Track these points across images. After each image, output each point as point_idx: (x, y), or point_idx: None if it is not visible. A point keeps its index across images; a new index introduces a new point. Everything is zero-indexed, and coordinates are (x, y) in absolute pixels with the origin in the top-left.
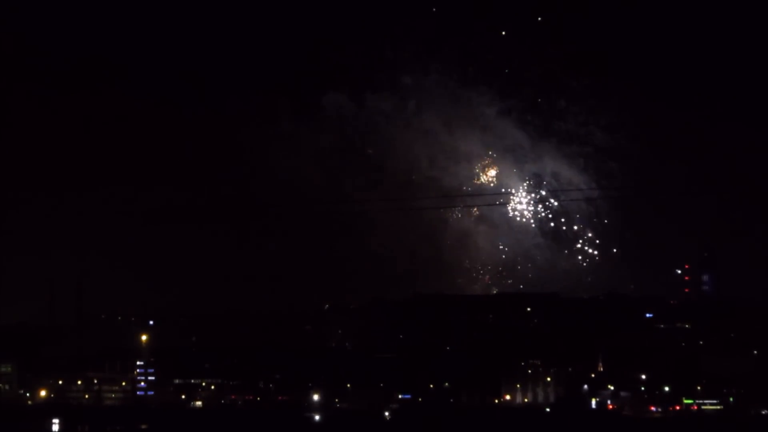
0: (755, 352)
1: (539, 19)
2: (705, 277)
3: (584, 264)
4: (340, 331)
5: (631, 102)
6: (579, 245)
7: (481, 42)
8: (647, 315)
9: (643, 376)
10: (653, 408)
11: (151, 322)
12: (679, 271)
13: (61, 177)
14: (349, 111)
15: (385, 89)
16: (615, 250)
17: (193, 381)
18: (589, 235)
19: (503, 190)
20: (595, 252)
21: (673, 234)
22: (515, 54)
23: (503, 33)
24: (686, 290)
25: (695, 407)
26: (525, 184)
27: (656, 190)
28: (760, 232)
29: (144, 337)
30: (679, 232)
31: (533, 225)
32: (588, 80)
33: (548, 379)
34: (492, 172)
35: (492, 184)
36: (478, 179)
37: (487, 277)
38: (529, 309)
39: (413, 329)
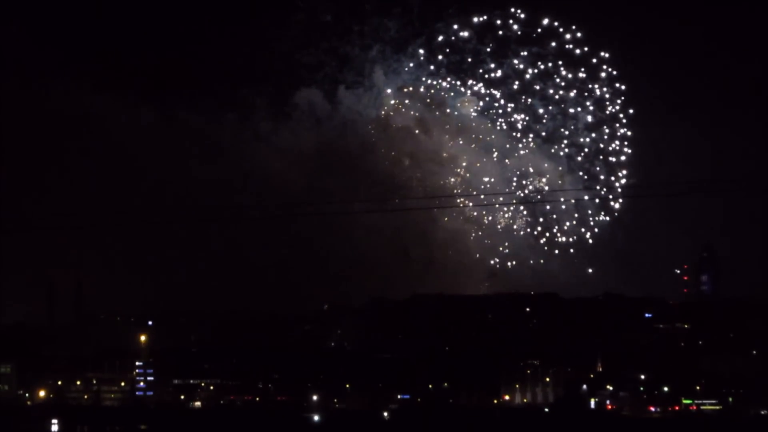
0: (754, 352)
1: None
2: (704, 277)
3: (571, 240)
4: (339, 332)
5: (625, 101)
6: (572, 245)
7: (452, 40)
8: (646, 315)
9: (642, 377)
10: (652, 408)
11: (150, 323)
12: (678, 271)
13: (59, 178)
14: (323, 109)
15: (357, 87)
16: (612, 250)
17: (192, 381)
18: (587, 235)
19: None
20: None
21: (672, 234)
22: (491, 51)
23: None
24: (685, 290)
25: (694, 407)
26: (509, 184)
27: (655, 191)
28: (759, 231)
29: (143, 338)
30: (678, 232)
31: (520, 225)
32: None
33: (547, 379)
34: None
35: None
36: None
37: (486, 285)
38: (528, 309)
39: (412, 329)
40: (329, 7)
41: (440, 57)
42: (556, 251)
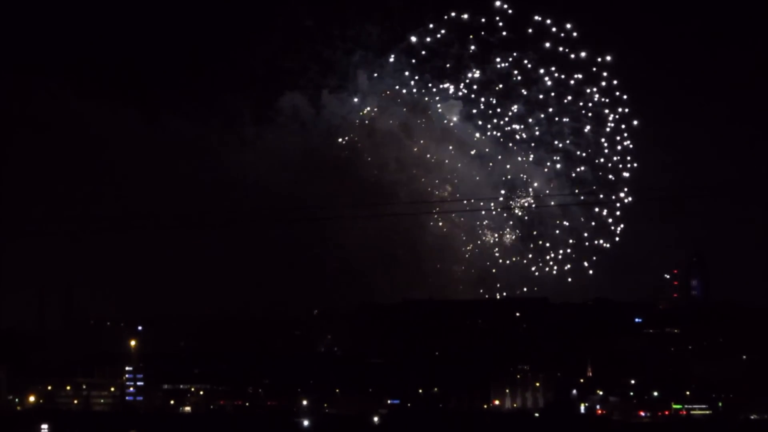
0: (744, 356)
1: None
2: (694, 282)
3: (566, 269)
4: (329, 337)
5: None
6: (560, 250)
7: (433, 44)
8: (636, 320)
9: (632, 381)
10: (642, 413)
11: (140, 328)
12: (668, 276)
13: (48, 184)
14: (307, 114)
15: (340, 91)
16: (598, 257)
17: (181, 386)
18: (570, 241)
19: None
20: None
21: (662, 239)
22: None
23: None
24: (675, 295)
25: (684, 412)
26: (497, 190)
27: (647, 196)
28: (749, 237)
29: (133, 343)
30: (667, 237)
31: (508, 230)
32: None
33: (537, 384)
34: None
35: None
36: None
37: (481, 278)
38: (518, 314)
39: (402, 334)
40: (311, 12)
41: (422, 61)
42: (553, 273)
